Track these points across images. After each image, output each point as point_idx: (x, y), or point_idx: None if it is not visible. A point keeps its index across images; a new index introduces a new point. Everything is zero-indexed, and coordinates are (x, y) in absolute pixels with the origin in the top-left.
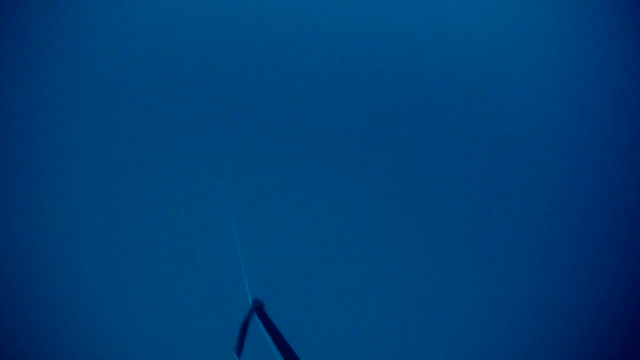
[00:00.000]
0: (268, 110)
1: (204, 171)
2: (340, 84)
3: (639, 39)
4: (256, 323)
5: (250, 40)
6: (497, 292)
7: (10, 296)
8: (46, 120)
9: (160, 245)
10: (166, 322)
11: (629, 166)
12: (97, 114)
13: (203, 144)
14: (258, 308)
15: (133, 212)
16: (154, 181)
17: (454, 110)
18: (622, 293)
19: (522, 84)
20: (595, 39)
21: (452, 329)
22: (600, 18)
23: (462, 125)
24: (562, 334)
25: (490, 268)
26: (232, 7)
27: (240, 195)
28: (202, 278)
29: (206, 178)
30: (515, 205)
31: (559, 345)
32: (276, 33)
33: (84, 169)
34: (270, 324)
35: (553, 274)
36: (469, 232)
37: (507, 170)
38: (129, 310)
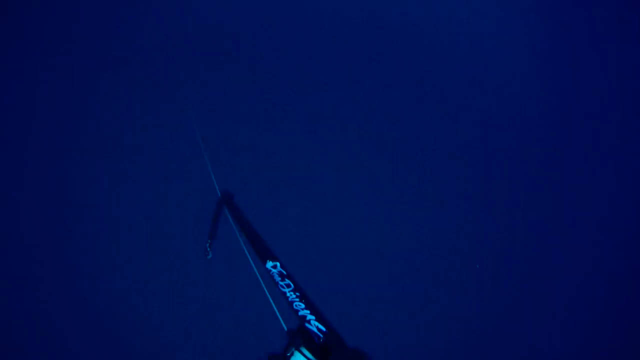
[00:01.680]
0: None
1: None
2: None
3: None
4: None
5: None
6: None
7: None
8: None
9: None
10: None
11: (629, 166)
12: None
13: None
14: (227, 200)
15: None
16: None
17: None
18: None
19: (522, 81)
20: (596, 38)
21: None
22: (601, 18)
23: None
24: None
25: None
26: None
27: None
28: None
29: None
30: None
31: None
32: None
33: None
34: (241, 216)
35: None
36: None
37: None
38: None
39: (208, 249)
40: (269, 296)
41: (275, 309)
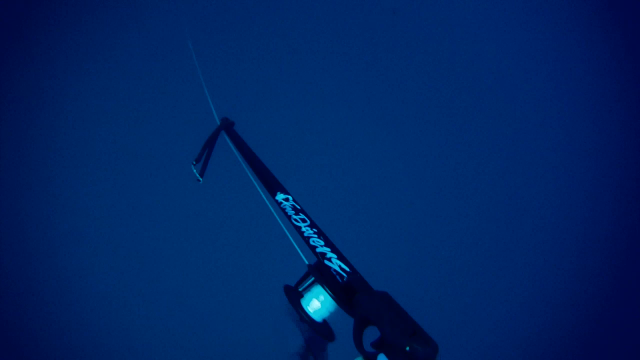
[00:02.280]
0: None
1: None
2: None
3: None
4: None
5: None
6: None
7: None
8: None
9: None
10: None
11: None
12: None
13: None
14: (227, 127)
15: None
16: None
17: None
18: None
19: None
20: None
21: None
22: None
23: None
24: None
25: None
26: None
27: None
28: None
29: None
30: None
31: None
32: None
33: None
34: (242, 144)
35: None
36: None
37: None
38: None
39: (196, 173)
40: (282, 225)
41: (291, 238)
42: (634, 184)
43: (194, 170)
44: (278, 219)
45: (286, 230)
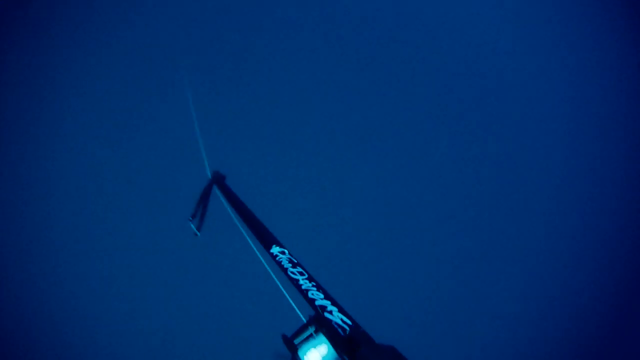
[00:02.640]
0: None
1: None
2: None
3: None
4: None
5: None
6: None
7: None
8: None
9: None
10: None
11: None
12: None
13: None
14: (218, 180)
15: None
16: None
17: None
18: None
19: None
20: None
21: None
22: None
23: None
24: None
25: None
26: None
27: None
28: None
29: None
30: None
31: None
32: None
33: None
34: (234, 197)
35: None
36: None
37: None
38: None
39: (194, 228)
40: (275, 279)
41: (286, 293)
42: (633, 184)
43: (192, 225)
44: (270, 271)
45: (279, 283)
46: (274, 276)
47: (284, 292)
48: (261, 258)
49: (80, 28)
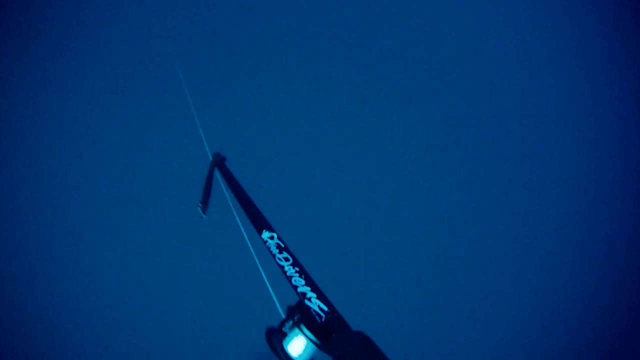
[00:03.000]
0: None
1: None
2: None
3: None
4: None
5: None
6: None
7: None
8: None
9: None
10: None
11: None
12: None
13: None
14: (218, 162)
15: None
16: None
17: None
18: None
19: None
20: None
21: None
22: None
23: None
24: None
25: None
26: None
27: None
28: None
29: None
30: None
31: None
32: None
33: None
34: (232, 179)
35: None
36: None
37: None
38: None
39: (200, 212)
40: (261, 270)
41: (269, 285)
42: (633, 185)
43: (200, 211)
44: (256, 259)
45: (263, 273)
46: (258, 264)
47: (266, 280)
48: (250, 246)
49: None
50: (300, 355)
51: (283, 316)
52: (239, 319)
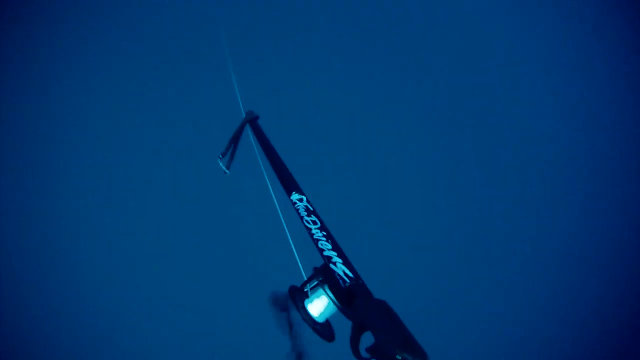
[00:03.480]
0: None
1: None
2: None
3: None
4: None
5: None
6: None
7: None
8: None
9: None
10: None
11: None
12: None
13: None
14: (252, 120)
15: None
16: None
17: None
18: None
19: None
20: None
21: None
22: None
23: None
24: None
25: None
26: None
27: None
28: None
29: None
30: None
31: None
32: None
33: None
34: (264, 139)
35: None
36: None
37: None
38: None
39: (222, 165)
40: (285, 229)
41: (292, 245)
42: (633, 186)
43: (220, 164)
44: (283, 222)
45: (288, 234)
46: (284, 225)
47: (291, 242)
48: (277, 206)
49: None
50: (319, 315)
51: (305, 277)
52: (262, 277)
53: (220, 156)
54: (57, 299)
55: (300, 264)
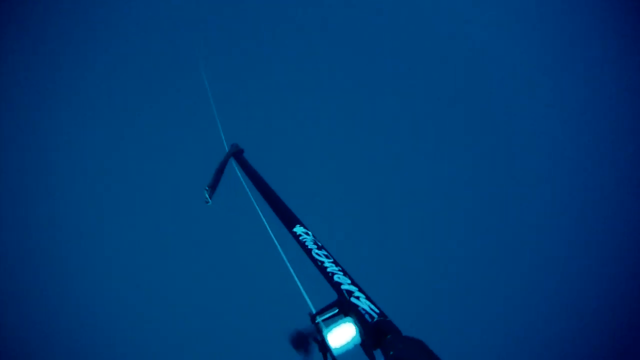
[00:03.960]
0: None
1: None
2: None
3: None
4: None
5: None
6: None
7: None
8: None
9: None
10: None
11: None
12: None
13: None
14: (236, 153)
15: None
16: None
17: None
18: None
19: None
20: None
21: None
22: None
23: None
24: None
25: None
26: None
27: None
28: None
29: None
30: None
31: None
32: None
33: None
34: (253, 172)
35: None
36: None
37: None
38: None
39: (207, 196)
40: (285, 259)
41: (294, 274)
42: (633, 187)
43: (206, 195)
44: (280, 251)
45: (288, 263)
46: (283, 256)
47: (292, 273)
48: (272, 237)
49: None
50: (339, 347)
51: (312, 307)
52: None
53: (207, 188)
54: (57, 301)
55: (305, 295)
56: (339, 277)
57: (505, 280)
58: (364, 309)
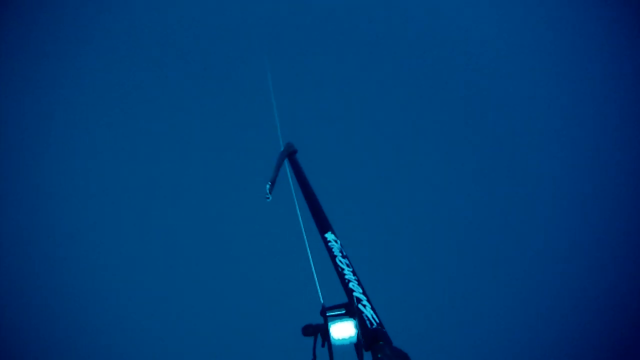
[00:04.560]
0: None
1: None
2: None
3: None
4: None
5: None
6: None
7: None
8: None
9: None
10: None
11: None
12: None
13: None
14: (289, 152)
15: None
16: None
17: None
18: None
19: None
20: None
21: None
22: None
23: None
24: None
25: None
26: None
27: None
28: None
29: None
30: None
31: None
32: None
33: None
34: (301, 174)
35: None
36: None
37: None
38: None
39: (267, 192)
40: (310, 260)
41: (315, 276)
42: (632, 188)
43: (267, 190)
44: (309, 252)
45: (312, 265)
46: (310, 257)
47: (314, 274)
48: (305, 238)
49: None
50: (338, 339)
51: (323, 302)
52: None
53: (270, 182)
54: (57, 300)
55: (320, 292)
56: (353, 285)
57: (505, 280)
58: (367, 316)
